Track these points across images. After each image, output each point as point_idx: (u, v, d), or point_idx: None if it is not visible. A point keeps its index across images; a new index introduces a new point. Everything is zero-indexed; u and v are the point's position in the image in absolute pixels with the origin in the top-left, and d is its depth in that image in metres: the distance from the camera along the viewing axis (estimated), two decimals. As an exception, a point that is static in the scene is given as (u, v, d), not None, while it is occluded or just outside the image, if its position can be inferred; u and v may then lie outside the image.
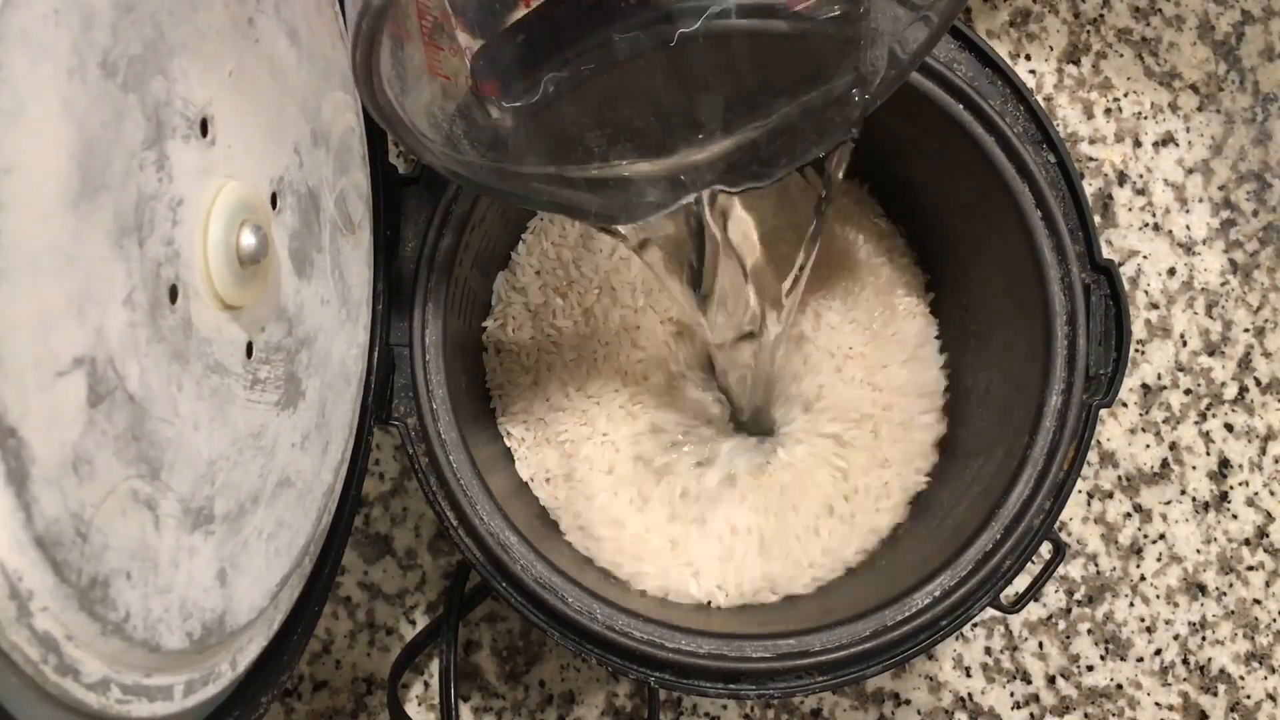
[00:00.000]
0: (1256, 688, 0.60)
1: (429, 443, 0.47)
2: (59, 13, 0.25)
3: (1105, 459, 0.61)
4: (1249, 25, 0.62)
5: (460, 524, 0.47)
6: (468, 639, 0.58)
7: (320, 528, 0.42)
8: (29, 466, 0.25)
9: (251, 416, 0.36)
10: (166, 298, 0.30)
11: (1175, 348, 0.61)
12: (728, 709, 0.58)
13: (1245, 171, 0.62)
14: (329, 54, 0.40)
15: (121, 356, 0.28)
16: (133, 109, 0.28)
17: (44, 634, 0.26)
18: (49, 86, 0.25)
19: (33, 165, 0.25)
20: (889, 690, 0.59)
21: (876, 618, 0.48)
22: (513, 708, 0.58)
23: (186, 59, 0.31)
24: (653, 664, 0.47)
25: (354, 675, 0.58)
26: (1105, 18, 0.62)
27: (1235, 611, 0.60)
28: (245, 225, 0.34)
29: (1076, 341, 0.49)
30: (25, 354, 0.25)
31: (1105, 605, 0.60)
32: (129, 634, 0.29)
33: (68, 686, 0.27)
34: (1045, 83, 0.62)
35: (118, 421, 0.28)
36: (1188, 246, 0.62)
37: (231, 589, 0.35)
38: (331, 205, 0.41)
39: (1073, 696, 0.60)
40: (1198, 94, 0.62)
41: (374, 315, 0.46)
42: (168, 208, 0.30)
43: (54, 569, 0.26)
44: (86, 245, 0.27)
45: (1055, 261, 0.49)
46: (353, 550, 0.58)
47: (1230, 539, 0.61)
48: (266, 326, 0.36)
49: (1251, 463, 0.61)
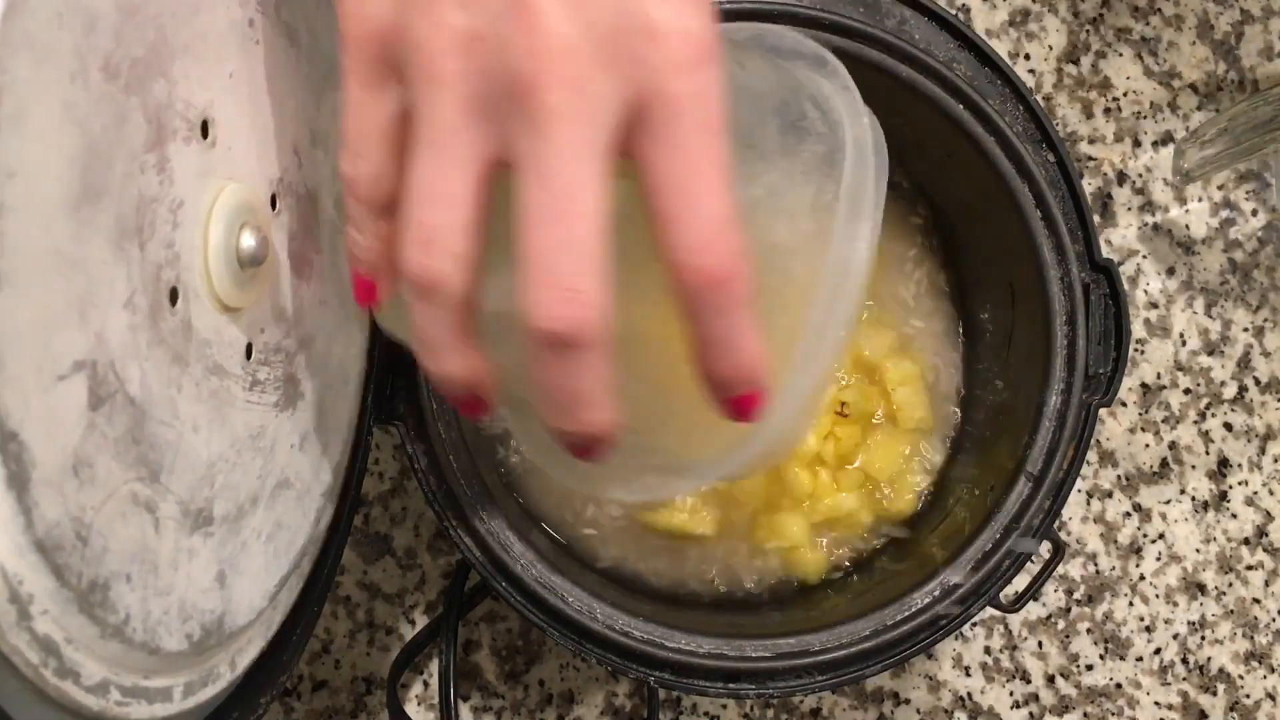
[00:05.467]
0: (1256, 687, 0.60)
1: (429, 442, 0.47)
2: (62, 16, 0.25)
3: (1105, 458, 0.61)
4: (1248, 25, 0.62)
5: (460, 524, 0.47)
6: (467, 639, 0.58)
7: (319, 528, 0.42)
8: (30, 470, 0.25)
9: (251, 418, 0.36)
10: (167, 300, 0.30)
11: (1175, 347, 0.61)
12: (727, 708, 0.58)
13: (1245, 171, 0.62)
14: (329, 54, 0.40)
15: (122, 359, 0.28)
16: (134, 112, 0.28)
17: (44, 637, 0.26)
18: (51, 90, 0.25)
19: (35, 169, 0.25)
20: (889, 690, 0.59)
21: (876, 617, 0.48)
22: (512, 707, 0.58)
23: (188, 61, 0.31)
24: (652, 663, 0.47)
25: (353, 675, 0.58)
26: (1105, 17, 0.62)
27: (1234, 611, 0.60)
28: (245, 227, 0.34)
29: (1076, 341, 0.49)
30: (26, 358, 0.25)
31: (1105, 605, 0.60)
32: (128, 636, 0.29)
33: (68, 689, 0.27)
34: (1045, 82, 0.62)
35: (118, 424, 0.28)
36: (1187, 246, 0.62)
37: (230, 590, 0.35)
38: (331, 206, 0.41)
39: (1072, 696, 0.60)
40: (1197, 93, 0.62)
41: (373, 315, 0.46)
42: (168, 210, 0.30)
43: (54, 572, 0.26)
44: (87, 249, 0.27)
45: (1055, 261, 0.49)
46: (352, 550, 0.58)
47: (1230, 538, 0.61)
48: (266, 328, 0.36)
49: (1251, 462, 0.61)
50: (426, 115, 0.30)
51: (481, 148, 0.29)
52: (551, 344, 0.29)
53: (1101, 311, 0.49)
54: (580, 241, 0.29)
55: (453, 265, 0.30)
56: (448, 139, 0.29)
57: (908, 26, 0.50)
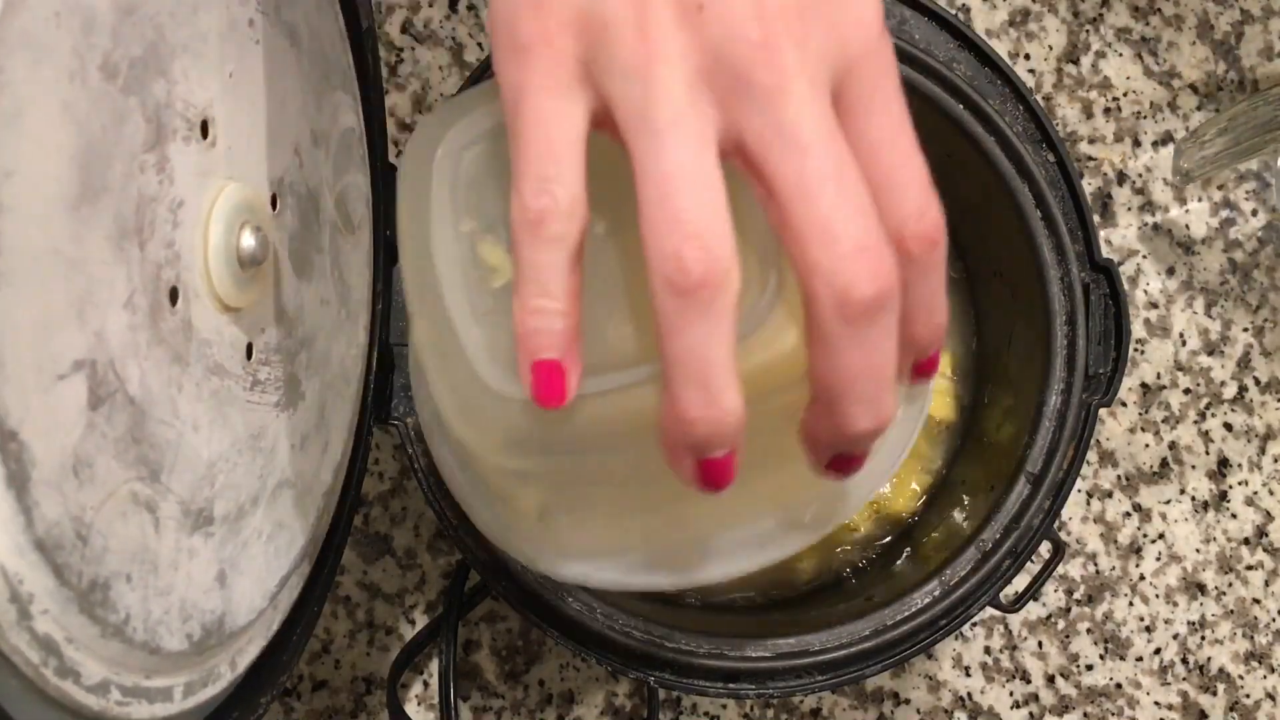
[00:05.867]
0: (1256, 687, 0.60)
1: (428, 442, 0.47)
2: (60, 16, 0.25)
3: (1105, 458, 0.61)
4: (1248, 25, 0.62)
5: (460, 524, 0.47)
6: (467, 638, 0.58)
7: (319, 528, 0.42)
8: (30, 470, 0.25)
9: (251, 418, 0.36)
10: (167, 300, 0.30)
11: (1174, 347, 0.61)
12: (727, 708, 0.58)
13: (1245, 171, 0.62)
14: (329, 54, 0.40)
15: (122, 359, 0.28)
16: (133, 111, 0.28)
17: (44, 637, 0.26)
18: (50, 90, 0.25)
19: (33, 169, 0.25)
20: (889, 690, 0.59)
21: (876, 617, 0.48)
22: (512, 707, 0.58)
23: (187, 61, 0.31)
24: (652, 664, 0.47)
25: (353, 675, 0.58)
26: (1104, 17, 0.62)
27: (1234, 611, 0.60)
28: (245, 227, 0.34)
29: (1076, 341, 0.49)
30: (26, 357, 0.25)
31: (1104, 605, 0.60)
32: (129, 636, 0.29)
33: (68, 689, 0.27)
34: (1044, 82, 0.62)
35: (118, 424, 0.28)
36: (1187, 246, 0.62)
37: (231, 590, 0.35)
38: (331, 206, 0.41)
39: (1072, 696, 0.60)
40: (1197, 93, 0.62)
41: (374, 315, 0.46)
42: (168, 210, 0.30)
43: (54, 572, 0.26)
44: (87, 248, 0.27)
45: (1055, 261, 0.49)
46: (352, 550, 0.58)
47: (1229, 538, 0.61)
48: (266, 328, 0.36)
49: (1251, 462, 0.61)
50: (654, 99, 0.27)
51: (715, 123, 0.27)
52: (867, 314, 0.27)
53: (1101, 311, 0.49)
54: (863, 196, 0.27)
55: (729, 260, 0.27)
56: (685, 117, 0.27)
57: (908, 26, 0.50)
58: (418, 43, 0.60)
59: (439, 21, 0.60)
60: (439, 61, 0.60)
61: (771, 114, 0.27)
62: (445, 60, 0.60)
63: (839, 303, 0.27)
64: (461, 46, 0.60)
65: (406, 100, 0.60)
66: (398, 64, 0.60)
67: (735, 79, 0.27)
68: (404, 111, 0.60)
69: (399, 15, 0.60)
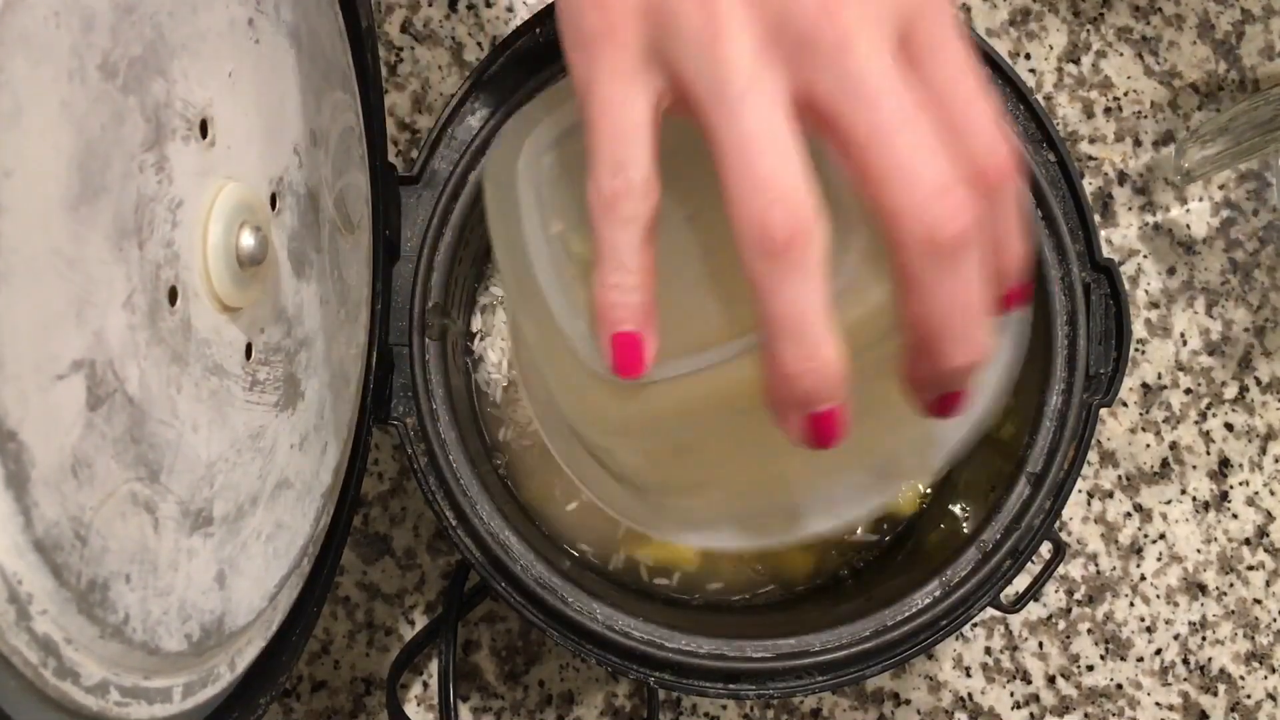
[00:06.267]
0: (1257, 687, 0.60)
1: (428, 442, 0.47)
2: (59, 15, 0.25)
3: (1105, 458, 0.61)
4: (1249, 24, 0.62)
5: (459, 524, 0.47)
6: (467, 639, 0.58)
7: (319, 528, 0.42)
8: (29, 470, 0.25)
9: (251, 418, 0.36)
10: (166, 300, 0.30)
11: (1175, 347, 0.61)
12: (727, 709, 0.58)
13: (1245, 171, 0.62)
14: (328, 54, 0.40)
15: (121, 359, 0.28)
16: (132, 111, 0.28)
17: (43, 637, 0.26)
18: (49, 89, 0.25)
19: (32, 168, 0.25)
20: (889, 690, 0.59)
21: (876, 618, 0.47)
22: (512, 708, 0.58)
23: (186, 60, 0.31)
24: (652, 664, 0.46)
25: (353, 675, 0.58)
26: (1105, 16, 0.62)
27: (1235, 611, 0.60)
28: (245, 227, 0.34)
29: (1076, 341, 0.49)
30: (25, 357, 0.25)
31: (1105, 605, 0.60)
32: (128, 636, 0.29)
33: (67, 689, 0.27)
34: (1045, 81, 0.62)
35: (117, 424, 0.28)
36: (1188, 246, 0.61)
37: (230, 591, 0.35)
38: (331, 205, 0.41)
39: (1073, 696, 0.60)
40: (1198, 93, 0.62)
41: (373, 315, 0.46)
42: (167, 209, 0.30)
43: (53, 572, 0.26)
44: (86, 248, 0.27)
45: (1055, 261, 0.49)
46: (351, 550, 0.58)
47: (1230, 538, 0.61)
48: (266, 328, 0.36)
49: (1252, 462, 0.61)
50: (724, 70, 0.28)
51: (785, 86, 0.28)
52: (953, 252, 0.28)
53: (1102, 311, 0.49)
54: (936, 138, 0.28)
55: (814, 217, 0.28)
56: (757, 83, 0.28)
57: (908, 26, 0.50)
58: (417, 42, 0.60)
59: (439, 21, 0.60)
60: (439, 61, 0.60)
61: (838, 69, 0.28)
62: (445, 60, 0.60)
63: (925, 243, 0.28)
64: (461, 46, 0.60)
65: (406, 100, 0.60)
66: (397, 63, 0.60)
67: (800, 40, 0.28)
68: (404, 111, 0.60)
69: (399, 15, 0.60)
